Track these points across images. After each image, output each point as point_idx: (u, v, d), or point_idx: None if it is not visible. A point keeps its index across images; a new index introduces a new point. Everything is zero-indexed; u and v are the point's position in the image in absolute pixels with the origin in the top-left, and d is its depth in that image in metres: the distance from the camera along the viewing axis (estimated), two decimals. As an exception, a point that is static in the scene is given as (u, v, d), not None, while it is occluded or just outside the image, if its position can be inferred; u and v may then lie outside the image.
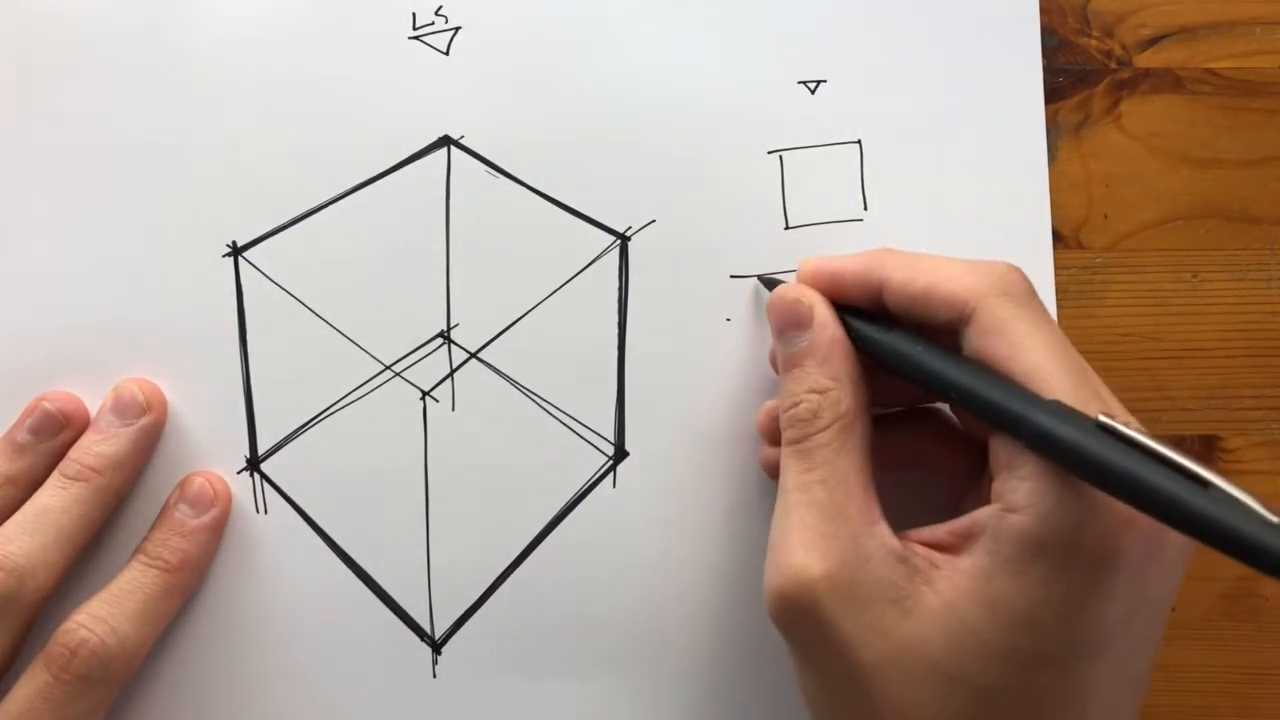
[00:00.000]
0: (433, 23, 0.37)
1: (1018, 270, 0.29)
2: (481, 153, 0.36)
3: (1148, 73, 0.37)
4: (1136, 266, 0.37)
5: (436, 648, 0.36)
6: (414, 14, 0.37)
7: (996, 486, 0.27)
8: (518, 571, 0.36)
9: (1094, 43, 0.37)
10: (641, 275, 0.36)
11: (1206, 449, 0.37)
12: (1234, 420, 0.37)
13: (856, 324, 0.31)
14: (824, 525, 0.28)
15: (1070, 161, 0.37)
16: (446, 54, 0.37)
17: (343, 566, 0.36)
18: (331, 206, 0.36)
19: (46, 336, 0.36)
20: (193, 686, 0.35)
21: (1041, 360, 0.27)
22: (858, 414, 0.30)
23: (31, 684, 0.31)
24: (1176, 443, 0.34)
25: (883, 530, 0.28)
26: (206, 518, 0.35)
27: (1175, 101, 0.37)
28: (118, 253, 0.36)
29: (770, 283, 0.35)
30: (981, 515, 0.27)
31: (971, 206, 0.36)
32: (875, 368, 0.31)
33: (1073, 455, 0.25)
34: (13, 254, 0.36)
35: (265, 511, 0.36)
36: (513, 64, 0.37)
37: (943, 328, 0.29)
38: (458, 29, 0.37)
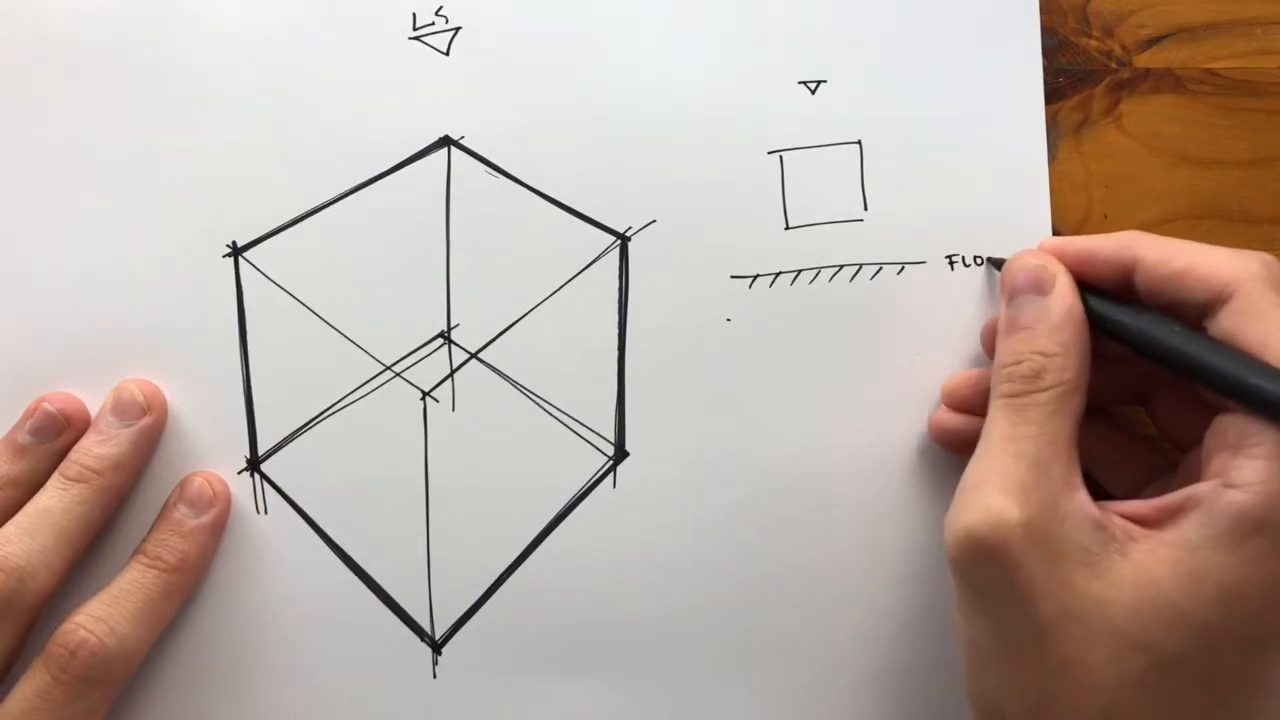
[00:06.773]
0: (433, 23, 0.37)
1: (1278, 261, 0.29)
2: (481, 153, 0.36)
3: (1148, 73, 0.37)
4: (1136, 266, 0.37)
5: (436, 648, 0.36)
6: (414, 14, 0.37)
7: (1218, 464, 0.27)
8: (518, 572, 0.36)
9: (1094, 43, 0.37)
10: (641, 275, 0.36)
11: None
12: (1234, 420, 0.37)
13: (1100, 304, 0.31)
14: (1027, 476, 0.28)
15: (1070, 161, 0.37)
16: (446, 54, 0.37)
17: (343, 567, 0.36)
18: (331, 206, 0.36)
19: (47, 337, 0.36)
20: (193, 686, 0.35)
21: None
22: (1077, 386, 0.30)
23: (31, 684, 0.31)
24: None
25: (1082, 496, 0.28)
26: (206, 518, 0.35)
27: (1175, 101, 0.37)
28: (118, 253, 0.36)
29: (1001, 263, 0.34)
30: (1198, 490, 0.27)
31: (971, 206, 0.36)
32: (1096, 356, 0.31)
33: None
34: (13, 254, 0.36)
35: (265, 512, 0.36)
36: (513, 64, 0.37)
37: (1193, 309, 0.29)
38: (458, 29, 0.37)
